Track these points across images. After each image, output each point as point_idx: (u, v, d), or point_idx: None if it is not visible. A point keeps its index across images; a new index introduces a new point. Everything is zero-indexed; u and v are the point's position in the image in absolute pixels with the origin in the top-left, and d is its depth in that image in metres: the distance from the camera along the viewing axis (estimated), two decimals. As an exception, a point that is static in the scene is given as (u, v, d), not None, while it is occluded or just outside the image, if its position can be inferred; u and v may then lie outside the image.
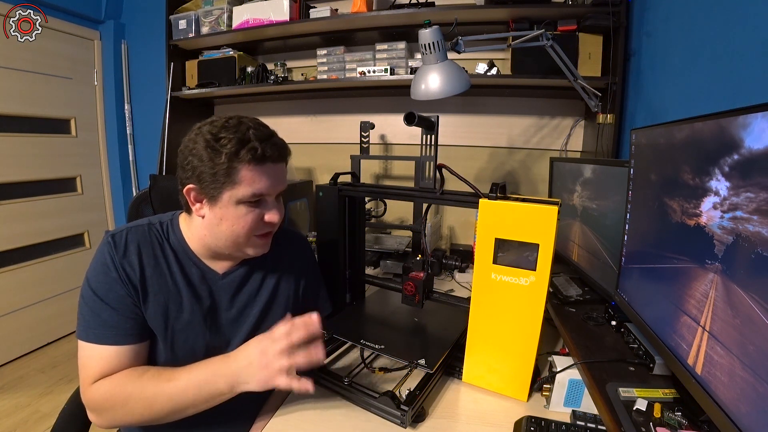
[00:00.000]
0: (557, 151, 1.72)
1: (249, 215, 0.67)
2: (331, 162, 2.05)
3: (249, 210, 0.67)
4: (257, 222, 0.68)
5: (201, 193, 0.66)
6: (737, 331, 0.43)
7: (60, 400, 1.39)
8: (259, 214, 0.68)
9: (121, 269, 0.66)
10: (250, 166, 0.64)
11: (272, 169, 0.67)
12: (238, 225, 0.67)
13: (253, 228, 0.68)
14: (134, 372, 0.64)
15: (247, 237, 0.69)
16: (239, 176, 0.63)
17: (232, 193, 0.64)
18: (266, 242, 0.73)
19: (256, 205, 0.67)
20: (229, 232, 0.68)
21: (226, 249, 0.71)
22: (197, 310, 0.72)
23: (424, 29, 0.96)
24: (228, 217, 0.66)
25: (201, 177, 0.64)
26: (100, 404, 0.63)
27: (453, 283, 1.38)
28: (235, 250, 0.71)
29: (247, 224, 0.67)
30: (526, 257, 0.69)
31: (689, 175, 0.55)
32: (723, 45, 0.88)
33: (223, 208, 0.66)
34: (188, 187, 0.66)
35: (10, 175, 2.00)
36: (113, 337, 0.64)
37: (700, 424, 0.54)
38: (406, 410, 0.66)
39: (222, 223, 0.67)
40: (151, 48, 2.26)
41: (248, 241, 0.70)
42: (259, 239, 0.71)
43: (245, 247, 0.71)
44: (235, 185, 0.64)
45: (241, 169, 0.63)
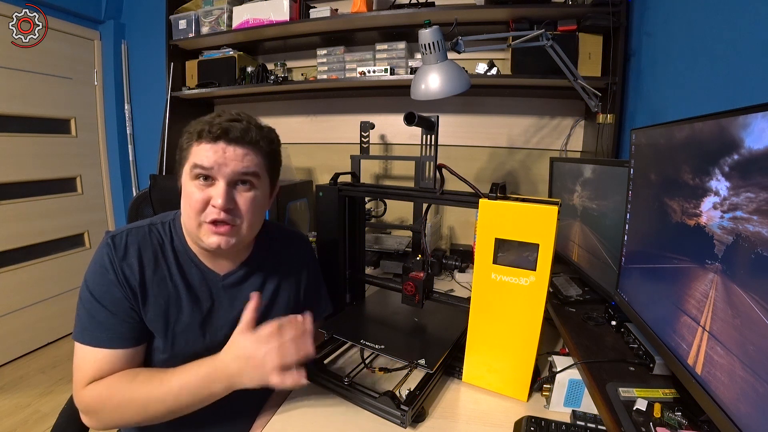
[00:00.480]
0: (557, 151, 1.72)
1: (196, 194, 0.65)
2: (331, 162, 2.05)
3: (198, 189, 0.65)
4: (202, 203, 0.65)
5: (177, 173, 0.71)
6: (737, 331, 0.43)
7: (60, 400, 1.39)
8: (206, 195, 0.65)
9: (120, 272, 0.65)
10: (198, 142, 0.66)
11: (223, 148, 0.65)
12: (186, 203, 0.67)
13: (198, 208, 0.65)
14: (126, 375, 0.64)
15: (196, 219, 0.66)
16: (190, 151, 0.66)
17: (185, 168, 0.67)
18: (218, 233, 0.66)
19: (206, 186, 0.65)
20: (184, 211, 0.69)
21: (191, 235, 0.70)
22: (197, 312, 0.72)
23: (424, 29, 0.96)
24: (184, 194, 0.68)
25: (177, 156, 0.70)
26: (93, 407, 0.63)
27: (453, 283, 1.38)
28: (195, 236, 0.68)
29: (193, 203, 0.65)
30: (526, 257, 0.69)
31: (689, 175, 0.55)
32: (723, 45, 0.88)
33: (184, 185, 0.68)
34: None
35: (10, 175, 2.00)
36: (108, 340, 0.64)
37: (700, 424, 0.54)
38: (406, 410, 0.66)
39: (182, 201, 0.68)
40: (151, 48, 2.26)
41: (199, 226, 0.66)
42: (209, 227, 0.66)
43: (198, 231, 0.67)
44: (186, 160, 0.67)
45: (192, 145, 0.66)
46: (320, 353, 0.84)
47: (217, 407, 0.68)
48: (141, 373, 0.64)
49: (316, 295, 0.92)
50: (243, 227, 0.69)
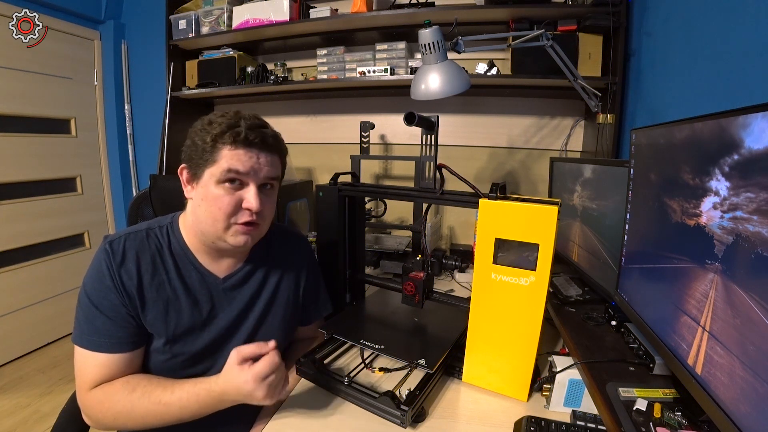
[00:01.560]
0: (557, 151, 1.72)
1: (226, 198, 0.66)
2: (331, 162, 2.05)
3: (227, 192, 0.66)
4: (234, 206, 0.67)
5: (189, 173, 0.69)
6: (737, 331, 0.43)
7: (60, 400, 1.39)
8: (237, 198, 0.67)
9: (117, 277, 0.66)
10: (231, 147, 0.65)
11: (256, 155, 0.67)
12: (214, 206, 0.66)
13: (229, 212, 0.66)
14: (127, 386, 0.65)
15: (225, 222, 0.67)
16: (219, 155, 0.65)
17: (211, 170, 0.66)
18: (248, 233, 0.69)
19: (235, 189, 0.67)
20: (207, 214, 0.67)
21: (209, 236, 0.70)
22: (197, 314, 0.72)
23: (424, 29, 0.96)
24: (207, 197, 0.67)
25: (191, 156, 0.68)
26: (94, 412, 0.65)
27: (453, 283, 1.38)
28: (216, 236, 0.69)
29: (223, 207, 0.66)
30: (526, 257, 0.69)
31: (689, 175, 0.55)
32: (723, 45, 0.88)
33: (204, 187, 0.67)
34: (181, 167, 0.70)
35: (10, 175, 2.00)
36: (106, 345, 0.65)
37: (700, 424, 0.54)
38: (406, 410, 0.65)
39: (202, 203, 0.67)
40: (151, 48, 2.26)
41: (227, 228, 0.68)
42: (240, 228, 0.68)
43: (225, 233, 0.68)
44: (215, 163, 0.65)
45: (222, 149, 0.65)
46: (320, 353, 0.84)
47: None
48: (140, 386, 0.65)
49: (316, 295, 0.92)
50: (264, 227, 0.73)
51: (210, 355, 0.74)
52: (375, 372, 0.83)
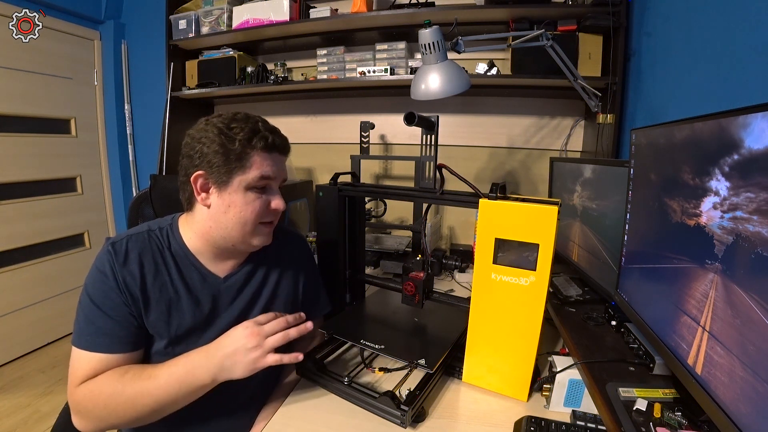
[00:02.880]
0: (557, 151, 1.72)
1: (257, 201, 0.69)
2: (331, 162, 2.05)
3: (257, 196, 0.69)
4: (264, 209, 0.70)
5: (209, 180, 0.67)
6: (737, 331, 0.43)
7: (60, 400, 1.39)
8: (266, 200, 0.70)
9: (120, 278, 0.65)
10: (262, 153, 0.67)
11: (280, 158, 0.72)
12: (246, 211, 0.68)
13: (260, 214, 0.70)
14: (116, 372, 0.64)
15: (254, 224, 0.70)
16: (251, 161, 0.66)
17: (242, 177, 0.66)
18: (270, 232, 0.75)
19: (262, 192, 0.70)
20: (236, 219, 0.68)
21: (231, 240, 0.70)
22: (198, 314, 0.72)
23: (424, 29, 0.96)
24: (236, 203, 0.67)
25: (212, 163, 0.65)
26: (83, 405, 0.63)
27: (453, 283, 1.38)
28: (241, 240, 0.71)
29: (255, 210, 0.69)
30: (526, 257, 0.69)
31: (689, 175, 0.55)
32: (723, 45, 0.88)
33: (233, 194, 0.67)
34: (196, 174, 0.66)
35: (10, 175, 2.00)
36: (105, 345, 0.64)
37: (700, 424, 0.54)
38: (406, 410, 0.65)
39: (230, 210, 0.68)
40: (151, 48, 2.26)
41: (254, 229, 0.71)
42: (265, 227, 0.73)
43: (251, 236, 0.71)
44: (246, 170, 0.66)
45: (253, 155, 0.66)
46: (320, 353, 0.84)
47: (216, 406, 0.68)
48: (131, 370, 0.64)
49: (315, 294, 0.92)
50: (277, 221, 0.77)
51: None
52: (375, 372, 0.83)
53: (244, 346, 0.63)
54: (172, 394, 0.62)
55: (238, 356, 0.63)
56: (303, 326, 0.69)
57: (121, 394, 0.61)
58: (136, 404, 0.61)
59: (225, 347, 0.64)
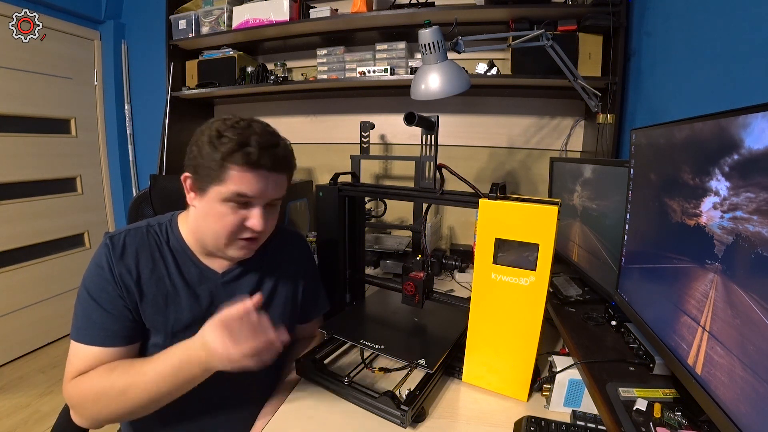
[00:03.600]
0: (557, 151, 1.72)
1: (230, 216, 0.66)
2: (331, 162, 2.05)
3: (231, 211, 0.66)
4: (238, 225, 0.67)
5: (194, 184, 0.68)
6: (737, 331, 0.43)
7: (60, 400, 1.38)
8: (241, 217, 0.67)
9: (117, 271, 0.66)
10: (241, 168, 0.63)
11: (265, 176, 0.66)
12: (218, 224, 0.66)
13: (232, 231, 0.67)
14: (107, 367, 0.63)
15: (228, 238, 0.68)
16: (227, 174, 0.64)
17: (218, 189, 0.65)
18: (250, 247, 0.71)
19: (240, 208, 0.66)
20: (211, 229, 0.68)
21: (209, 246, 0.70)
22: (196, 309, 0.72)
23: (424, 29, 0.96)
24: (211, 213, 0.66)
25: (196, 168, 0.66)
26: (76, 400, 0.63)
27: (453, 283, 1.38)
28: (216, 248, 0.70)
29: (226, 225, 0.66)
30: (526, 257, 0.69)
31: (689, 175, 0.55)
32: (723, 45, 0.88)
33: (209, 203, 0.66)
34: (185, 174, 0.68)
35: (9, 175, 2.00)
36: (100, 338, 0.64)
37: (700, 424, 0.54)
38: (406, 410, 0.65)
39: (206, 218, 0.67)
40: (151, 48, 2.26)
41: (230, 243, 0.69)
42: (243, 242, 0.69)
43: (226, 248, 0.69)
44: (222, 183, 0.64)
45: (230, 169, 0.63)
46: (320, 353, 0.84)
47: (215, 406, 0.68)
48: (121, 364, 0.64)
49: (314, 294, 0.92)
50: (264, 238, 0.74)
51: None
52: (375, 372, 0.83)
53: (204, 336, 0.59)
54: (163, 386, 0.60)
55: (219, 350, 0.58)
56: None
57: (111, 387, 0.60)
58: (127, 396, 0.60)
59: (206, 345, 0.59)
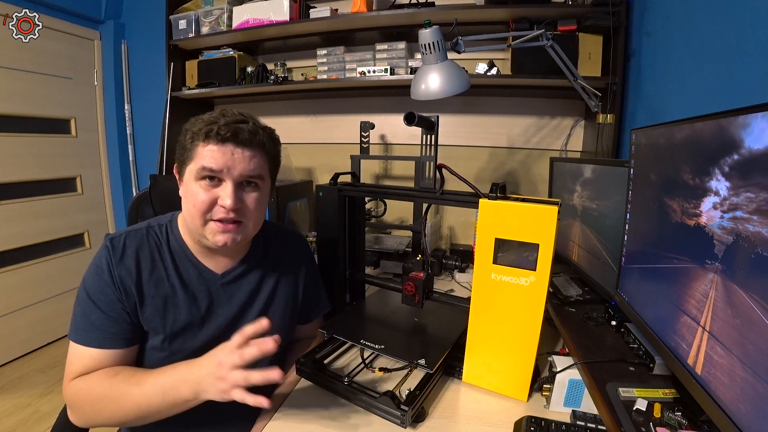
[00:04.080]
0: (557, 151, 1.72)
1: (201, 194, 0.65)
2: (331, 162, 2.05)
3: (204, 189, 0.66)
4: (209, 203, 0.66)
5: (177, 172, 0.71)
6: (737, 331, 0.43)
7: (60, 400, 1.38)
8: (212, 195, 0.66)
9: (116, 274, 0.66)
10: (205, 143, 0.65)
11: (230, 151, 0.65)
12: (192, 203, 0.67)
13: (203, 209, 0.66)
14: (108, 372, 0.64)
15: (202, 218, 0.66)
16: (195, 152, 0.66)
17: (189, 168, 0.67)
18: (225, 231, 0.67)
19: (213, 186, 0.66)
20: (188, 211, 0.68)
21: (193, 233, 0.71)
22: (195, 310, 0.72)
23: (424, 29, 0.96)
24: (187, 194, 0.68)
25: (177, 155, 0.70)
26: (75, 402, 0.64)
27: (453, 283, 1.38)
28: (198, 234, 0.69)
29: (198, 204, 0.66)
30: (526, 257, 0.69)
31: (689, 175, 0.55)
32: (723, 45, 0.88)
33: (186, 185, 0.68)
34: (174, 165, 0.71)
35: (9, 175, 2.00)
36: (99, 339, 0.64)
37: (700, 424, 0.54)
38: (406, 410, 0.65)
39: (185, 200, 0.69)
40: (151, 48, 2.26)
41: (204, 225, 0.67)
42: (216, 225, 0.67)
43: (203, 230, 0.67)
44: (192, 161, 0.66)
45: (197, 145, 0.66)
46: (320, 353, 0.84)
47: (215, 406, 0.67)
48: (122, 371, 0.64)
49: (315, 294, 0.92)
50: (249, 225, 0.71)
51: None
52: (375, 372, 0.83)
53: (213, 373, 0.58)
54: (155, 405, 0.60)
55: (208, 381, 0.58)
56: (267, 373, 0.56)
57: (108, 396, 0.61)
58: (121, 409, 0.61)
59: (202, 368, 0.59)
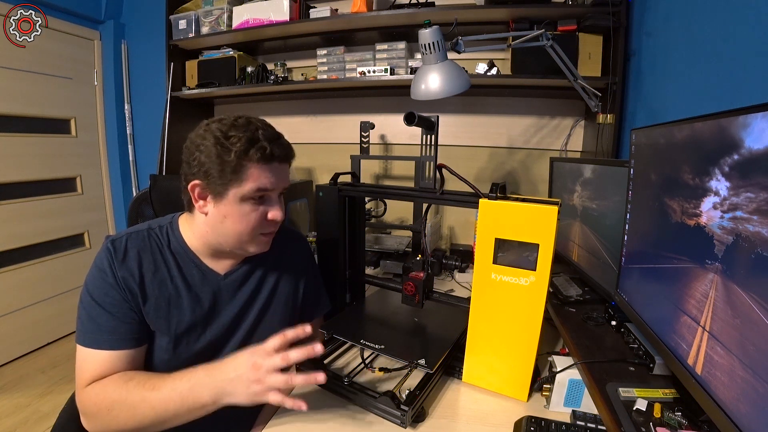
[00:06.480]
0: (557, 151, 1.72)
1: (253, 213, 0.68)
2: (331, 162, 2.04)
3: (253, 208, 0.68)
4: (260, 220, 0.69)
5: (206, 190, 0.66)
6: (737, 331, 0.43)
7: (60, 400, 1.39)
8: (263, 212, 0.69)
9: (120, 275, 0.66)
10: (259, 165, 0.65)
11: (277, 168, 0.68)
12: (242, 223, 0.67)
13: (256, 227, 0.69)
14: (122, 377, 0.63)
15: (251, 235, 0.70)
16: (247, 173, 0.64)
17: (237, 190, 0.65)
18: (269, 240, 0.74)
19: (259, 203, 0.68)
20: (232, 230, 0.68)
21: (228, 246, 0.71)
22: (199, 311, 0.72)
23: (424, 29, 0.96)
24: (232, 214, 0.67)
25: (208, 173, 0.64)
26: (90, 408, 0.63)
27: (453, 283, 1.38)
28: (238, 247, 0.71)
29: (251, 222, 0.68)
30: (526, 257, 0.69)
31: (689, 175, 0.55)
32: (723, 45, 0.88)
33: (228, 205, 0.66)
34: (193, 183, 0.66)
35: (10, 175, 2.00)
36: (109, 341, 0.64)
37: (700, 424, 0.54)
38: (406, 410, 0.66)
39: (226, 220, 0.67)
40: (151, 48, 2.25)
41: (252, 239, 0.71)
42: (263, 237, 0.72)
43: (248, 245, 0.71)
44: (242, 182, 0.65)
45: (249, 167, 0.64)
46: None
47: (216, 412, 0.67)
48: (137, 376, 0.64)
49: (315, 294, 0.92)
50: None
51: (212, 355, 0.73)
52: (375, 372, 0.83)
53: (246, 377, 0.58)
54: (171, 409, 0.60)
55: (239, 385, 0.58)
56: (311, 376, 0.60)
57: (124, 401, 0.61)
58: (137, 414, 0.60)
59: (227, 372, 0.60)
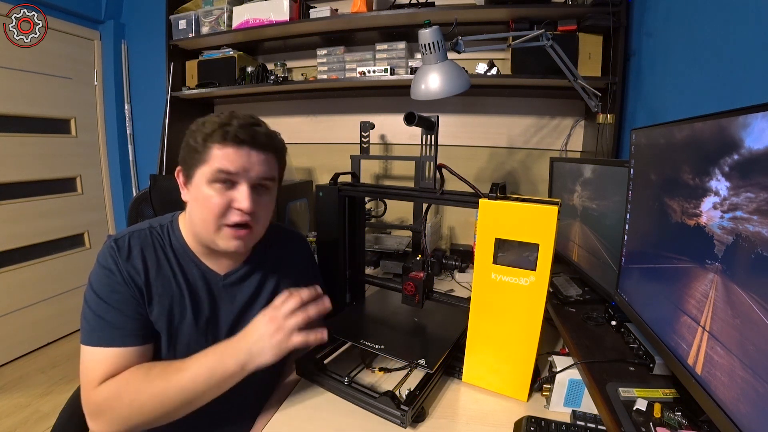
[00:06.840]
0: (557, 151, 1.72)
1: (216, 198, 0.65)
2: (331, 162, 2.05)
3: (218, 193, 0.65)
4: (223, 207, 0.65)
5: (183, 174, 0.69)
6: (737, 331, 0.43)
7: (60, 400, 1.39)
8: (227, 198, 0.65)
9: (125, 272, 0.65)
10: (221, 146, 0.64)
11: (247, 153, 0.66)
12: (206, 207, 0.66)
13: (218, 213, 0.65)
14: (140, 369, 0.63)
15: (215, 223, 0.66)
16: (210, 154, 0.65)
17: (202, 170, 0.65)
18: (238, 237, 0.68)
19: (227, 189, 0.66)
20: (199, 216, 0.67)
21: (203, 238, 0.69)
22: (199, 311, 0.72)
23: (424, 29, 0.96)
24: (198, 198, 0.67)
25: (183, 158, 0.68)
26: (105, 407, 0.61)
27: (453, 283, 1.38)
28: (209, 239, 0.68)
29: (213, 208, 0.65)
30: (526, 257, 0.69)
31: (689, 175, 0.55)
32: (723, 45, 0.88)
33: (196, 188, 0.67)
34: (177, 169, 0.70)
35: (10, 175, 2.00)
36: (119, 338, 0.63)
37: (700, 424, 0.54)
38: (406, 410, 0.65)
39: (195, 205, 0.68)
40: (151, 48, 2.26)
41: (218, 230, 0.67)
42: (230, 230, 0.67)
43: (215, 235, 0.67)
44: (205, 163, 0.65)
45: (212, 148, 0.65)
46: (320, 353, 0.84)
47: (215, 409, 0.68)
48: (156, 366, 0.64)
49: (316, 294, 0.92)
50: (259, 230, 0.72)
51: None
52: (375, 372, 0.83)
53: (267, 332, 0.63)
54: (201, 384, 0.61)
55: (263, 342, 0.62)
56: (321, 304, 0.67)
57: (148, 390, 0.60)
58: (165, 400, 0.60)
59: (250, 335, 0.64)
